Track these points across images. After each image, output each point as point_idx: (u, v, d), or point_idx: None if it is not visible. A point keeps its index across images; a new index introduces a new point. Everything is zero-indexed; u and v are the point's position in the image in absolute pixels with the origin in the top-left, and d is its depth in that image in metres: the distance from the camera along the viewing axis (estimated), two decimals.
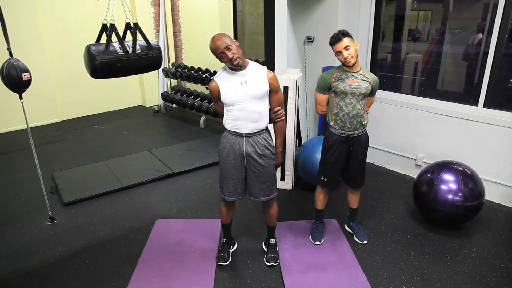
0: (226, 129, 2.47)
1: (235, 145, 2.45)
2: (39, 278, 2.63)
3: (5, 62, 2.76)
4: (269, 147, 2.50)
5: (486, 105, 3.48)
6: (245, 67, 2.36)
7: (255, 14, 6.04)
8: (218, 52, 2.26)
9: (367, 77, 2.61)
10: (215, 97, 2.42)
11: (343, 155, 2.74)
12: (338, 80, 2.61)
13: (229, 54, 2.25)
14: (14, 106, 5.29)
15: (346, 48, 2.50)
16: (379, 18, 4.10)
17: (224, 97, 2.36)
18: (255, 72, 2.37)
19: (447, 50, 4.00)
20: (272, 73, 2.42)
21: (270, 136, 2.53)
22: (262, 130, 2.46)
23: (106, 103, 6.74)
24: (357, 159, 2.77)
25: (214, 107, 2.49)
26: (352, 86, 2.58)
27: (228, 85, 2.35)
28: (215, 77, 2.40)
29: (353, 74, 2.59)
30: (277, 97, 2.47)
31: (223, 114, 2.48)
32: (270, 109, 2.49)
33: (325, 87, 2.68)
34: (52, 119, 6.16)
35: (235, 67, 2.30)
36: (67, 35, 5.96)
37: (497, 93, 3.49)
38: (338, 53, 2.53)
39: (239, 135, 2.43)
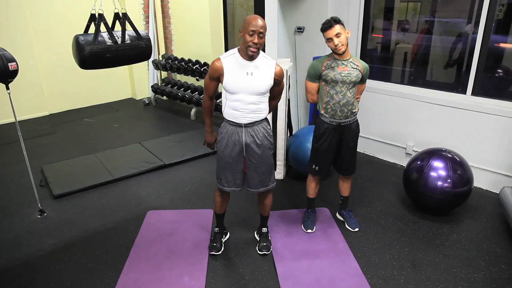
0: (225, 119, 2.43)
1: (234, 136, 2.42)
2: (30, 271, 2.61)
3: None
4: (268, 137, 2.48)
5: (474, 93, 3.52)
6: (256, 58, 2.29)
7: (245, 6, 6.01)
8: (251, 28, 2.16)
9: (357, 65, 2.61)
10: (213, 76, 2.33)
11: (334, 143, 2.75)
12: (328, 68, 2.61)
13: (256, 39, 2.18)
14: (1, 99, 5.20)
15: (337, 35, 2.49)
16: (368, 8, 4.10)
17: (226, 82, 2.29)
18: (264, 65, 2.32)
19: (436, 40, 4.03)
20: (279, 67, 2.37)
21: (269, 125, 2.52)
22: (262, 120, 2.44)
23: (96, 96, 6.65)
24: (348, 147, 2.78)
25: (205, 82, 2.43)
26: (343, 75, 2.58)
27: (234, 71, 2.28)
28: (222, 57, 2.31)
29: (343, 62, 2.59)
30: (278, 88, 2.46)
31: (209, 90, 2.42)
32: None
33: (315, 76, 2.68)
34: (40, 112, 6.07)
35: (247, 54, 2.23)
36: (54, 26, 5.85)
37: (485, 81, 3.53)
38: (329, 40, 2.53)
39: (238, 125, 2.40)
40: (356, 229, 2.98)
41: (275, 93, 2.48)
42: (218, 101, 4.80)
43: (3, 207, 3.41)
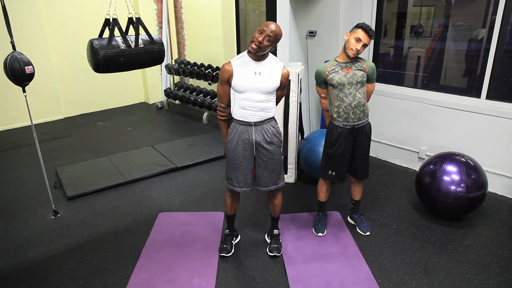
0: (234, 119, 2.47)
1: (244, 135, 2.45)
2: (43, 270, 2.65)
3: (8, 55, 2.78)
4: (277, 135, 2.51)
5: (488, 97, 3.47)
6: (263, 59, 2.37)
7: (257, 12, 6.05)
8: (263, 27, 2.25)
9: (361, 64, 2.63)
10: (223, 79, 2.40)
11: (349, 147, 2.74)
12: (332, 72, 2.63)
13: (260, 38, 2.23)
14: (18, 103, 5.32)
15: (364, 45, 2.53)
16: (381, 12, 4.09)
17: (235, 82, 2.36)
18: (272, 66, 2.39)
19: (450, 44, 3.99)
20: (286, 70, 2.44)
21: (278, 124, 2.55)
22: (270, 119, 2.48)
23: (110, 100, 6.76)
24: (362, 149, 2.77)
25: (218, 90, 2.51)
26: (348, 76, 2.60)
27: (242, 72, 2.35)
28: (232, 60, 2.39)
29: (347, 64, 2.62)
30: (281, 92, 2.51)
31: (222, 98, 2.47)
32: None
33: (321, 83, 2.73)
34: (55, 116, 6.19)
35: (249, 49, 2.29)
36: (70, 32, 5.99)
37: (500, 85, 3.47)
38: (357, 40, 2.52)
39: (248, 124, 2.43)
40: (368, 233, 2.95)
41: (276, 98, 2.50)
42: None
43: (18, 208, 3.47)
